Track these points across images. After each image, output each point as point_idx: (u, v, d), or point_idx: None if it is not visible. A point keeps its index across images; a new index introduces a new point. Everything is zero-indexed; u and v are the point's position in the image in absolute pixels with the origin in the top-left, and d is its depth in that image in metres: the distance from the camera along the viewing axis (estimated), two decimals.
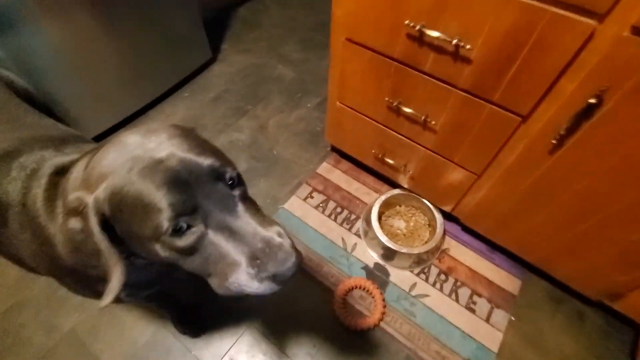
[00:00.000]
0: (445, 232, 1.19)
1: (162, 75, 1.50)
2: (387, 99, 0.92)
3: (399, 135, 1.01)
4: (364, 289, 1.06)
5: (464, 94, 0.78)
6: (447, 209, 1.12)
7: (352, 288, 1.06)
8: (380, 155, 1.12)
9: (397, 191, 1.20)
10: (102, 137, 1.37)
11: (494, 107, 0.76)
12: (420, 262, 1.11)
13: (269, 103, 1.56)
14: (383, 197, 1.17)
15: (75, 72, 1.18)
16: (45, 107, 0.86)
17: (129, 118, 1.44)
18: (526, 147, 0.77)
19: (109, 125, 1.38)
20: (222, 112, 1.52)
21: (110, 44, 1.23)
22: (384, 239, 1.07)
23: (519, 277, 1.11)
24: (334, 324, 1.01)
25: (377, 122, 1.03)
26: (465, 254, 1.15)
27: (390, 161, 1.10)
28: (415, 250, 1.06)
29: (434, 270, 1.11)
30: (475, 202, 1.00)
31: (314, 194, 1.27)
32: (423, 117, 0.88)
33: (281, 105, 1.55)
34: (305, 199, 1.26)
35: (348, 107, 1.07)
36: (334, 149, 1.39)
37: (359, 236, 1.18)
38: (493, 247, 1.15)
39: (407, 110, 0.89)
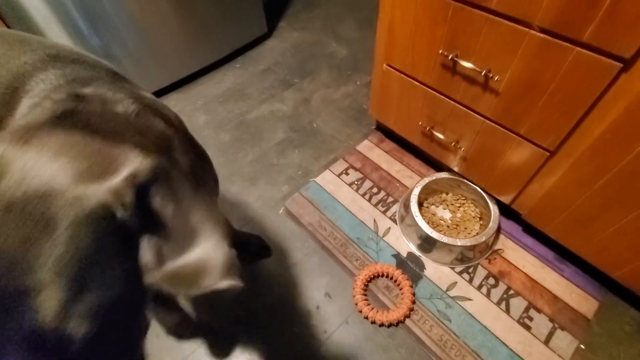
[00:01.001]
0: (500, 230, 0.98)
1: (216, 44, 1.50)
2: (441, 51, 0.77)
3: (452, 102, 0.85)
4: (392, 278, 0.91)
5: (542, 35, 0.61)
6: (506, 199, 0.92)
7: (378, 275, 0.92)
8: (427, 129, 0.96)
9: (444, 174, 1.02)
10: None
11: (582, 50, 0.58)
12: (464, 260, 0.93)
13: (317, 78, 1.48)
14: (427, 179, 1.01)
15: (134, 28, 1.21)
16: None
17: (178, 83, 1.47)
18: (627, 108, 0.57)
19: (157, 88, 1.41)
20: (268, 84, 1.48)
21: (172, 5, 1.25)
22: (423, 225, 0.91)
23: (597, 298, 0.86)
24: (350, 310, 0.87)
25: (427, 86, 0.88)
26: (524, 259, 0.93)
27: (440, 135, 0.94)
28: (459, 242, 0.88)
29: (481, 272, 0.92)
30: (544, 191, 0.80)
31: (350, 171, 1.15)
32: (484, 72, 0.72)
33: (329, 80, 1.47)
34: (339, 175, 1.14)
35: (395, 69, 0.93)
36: (379, 128, 1.26)
37: (394, 221, 1.03)
38: (564, 255, 0.92)
39: (465, 64, 0.74)
